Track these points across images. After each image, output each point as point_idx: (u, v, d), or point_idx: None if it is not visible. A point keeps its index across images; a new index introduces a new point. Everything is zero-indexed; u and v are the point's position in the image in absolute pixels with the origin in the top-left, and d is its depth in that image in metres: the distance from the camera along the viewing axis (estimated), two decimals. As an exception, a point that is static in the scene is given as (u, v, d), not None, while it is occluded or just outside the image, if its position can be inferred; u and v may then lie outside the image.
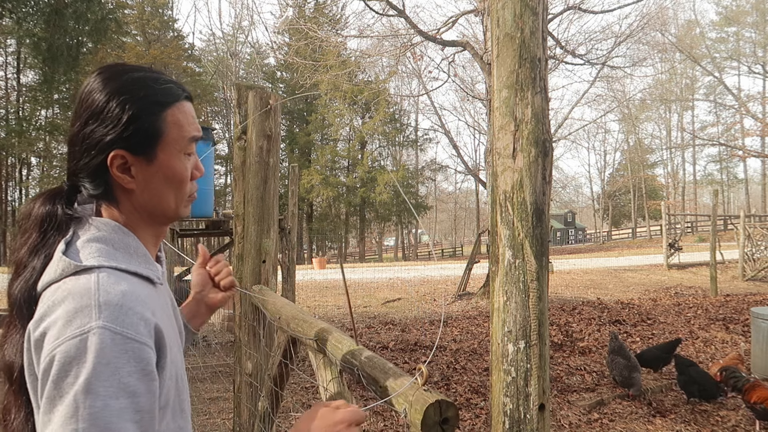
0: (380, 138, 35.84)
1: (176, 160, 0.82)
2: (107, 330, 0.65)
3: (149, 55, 31.44)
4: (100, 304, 0.67)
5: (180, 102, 0.83)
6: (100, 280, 0.70)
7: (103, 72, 0.80)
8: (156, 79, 0.81)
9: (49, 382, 0.63)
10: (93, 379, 0.63)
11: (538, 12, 1.11)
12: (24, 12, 17.25)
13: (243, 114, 2.43)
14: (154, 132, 0.79)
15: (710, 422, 3.96)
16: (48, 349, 0.65)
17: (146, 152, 0.79)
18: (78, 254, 0.73)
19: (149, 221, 0.83)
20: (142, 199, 0.80)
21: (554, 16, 11.84)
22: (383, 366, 1.14)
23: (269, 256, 2.35)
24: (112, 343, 0.64)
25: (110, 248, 0.76)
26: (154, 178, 0.80)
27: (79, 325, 0.65)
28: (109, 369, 0.64)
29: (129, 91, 0.78)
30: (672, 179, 45.25)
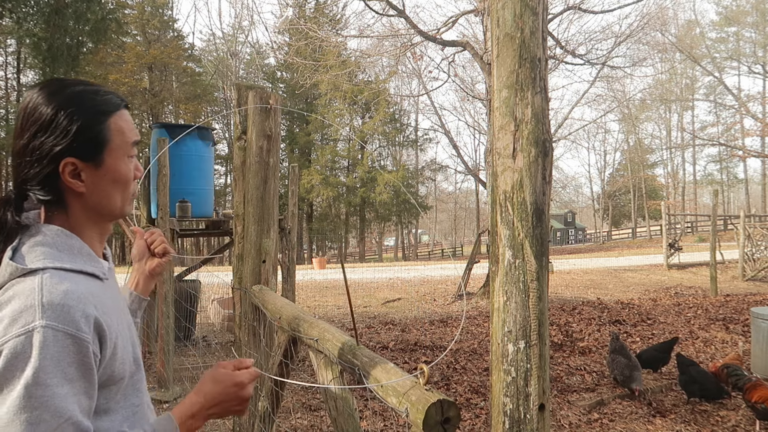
0: (380, 138, 35.84)
1: (122, 164, 0.91)
2: (49, 328, 0.73)
3: (149, 55, 31.44)
4: (43, 304, 0.74)
5: (120, 110, 0.91)
6: (44, 281, 0.77)
7: (46, 87, 0.87)
8: (96, 91, 0.89)
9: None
10: (40, 372, 0.71)
11: (538, 12, 1.11)
12: (24, 12, 17.25)
13: (243, 114, 2.43)
14: (101, 139, 0.87)
15: (710, 422, 3.96)
16: None
17: (94, 158, 0.87)
18: (24, 258, 0.80)
19: (97, 220, 0.91)
20: (92, 201, 0.88)
21: (554, 16, 11.83)
22: (384, 366, 1.14)
23: (269, 256, 2.35)
24: (54, 339, 0.73)
25: (54, 250, 0.82)
26: (103, 181, 0.88)
27: (23, 324, 0.72)
28: (53, 362, 0.72)
29: (74, 103, 0.85)
30: (672, 179, 45.24)
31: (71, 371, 0.74)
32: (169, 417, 0.91)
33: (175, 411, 0.93)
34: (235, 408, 0.96)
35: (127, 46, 31.07)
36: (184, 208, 5.84)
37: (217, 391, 0.94)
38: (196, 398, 0.94)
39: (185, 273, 7.35)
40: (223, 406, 0.94)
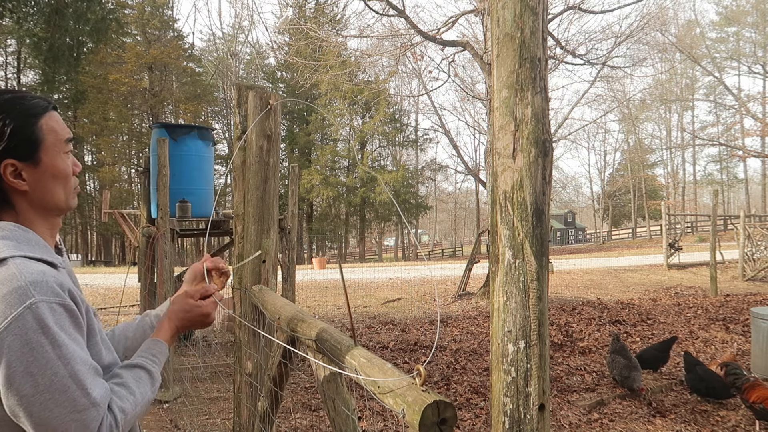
0: (380, 138, 35.83)
1: (58, 160, 0.97)
2: (43, 302, 0.82)
3: (149, 55, 31.45)
4: (30, 283, 0.82)
5: (49, 112, 0.97)
6: (19, 266, 0.84)
7: None
8: (23, 96, 0.96)
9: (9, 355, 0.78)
10: (56, 336, 0.81)
11: (538, 12, 1.11)
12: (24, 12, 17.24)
13: (243, 114, 2.43)
14: (35, 140, 0.94)
15: (710, 422, 3.96)
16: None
17: (32, 157, 0.94)
18: None
19: (44, 215, 0.98)
20: (36, 197, 0.95)
21: (554, 16, 11.83)
22: (382, 366, 1.14)
23: (269, 256, 2.35)
24: (50, 310, 0.82)
25: (15, 242, 0.89)
26: (43, 178, 0.95)
27: (20, 303, 0.80)
28: (59, 327, 0.82)
29: (5, 109, 0.91)
30: (672, 179, 45.23)
31: (72, 332, 0.85)
32: (158, 341, 1.09)
33: (159, 335, 1.11)
34: (200, 327, 1.19)
35: (127, 46, 31.07)
36: (184, 208, 5.84)
37: (187, 319, 1.16)
38: (169, 324, 1.14)
39: (185, 273, 7.34)
40: (192, 327, 1.18)
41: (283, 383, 1.97)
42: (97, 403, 0.84)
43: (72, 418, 0.81)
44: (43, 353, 0.80)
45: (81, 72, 24.90)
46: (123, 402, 0.91)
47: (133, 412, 0.93)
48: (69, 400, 0.81)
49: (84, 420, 0.82)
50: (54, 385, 0.80)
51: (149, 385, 1.00)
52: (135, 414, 0.94)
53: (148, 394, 0.99)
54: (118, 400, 0.90)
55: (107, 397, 0.87)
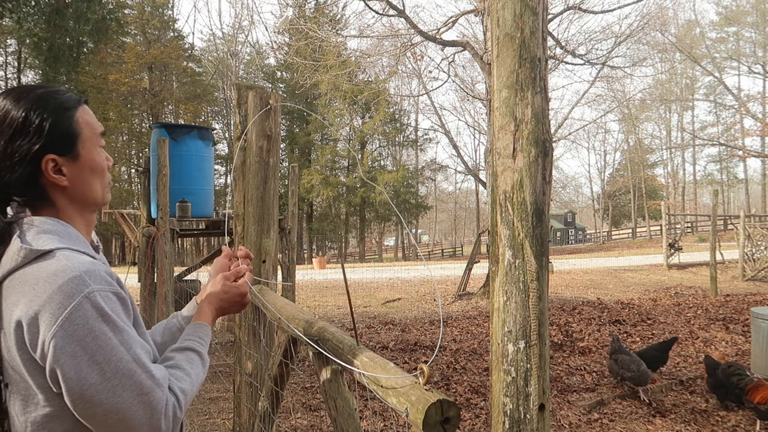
0: (380, 138, 35.82)
1: (95, 153, 0.97)
2: (100, 291, 0.82)
3: (149, 55, 31.44)
4: (83, 273, 0.82)
5: (82, 105, 0.97)
6: (69, 257, 0.84)
7: (9, 95, 0.91)
8: (57, 90, 0.95)
9: (73, 345, 0.78)
10: (115, 322, 0.82)
11: (538, 12, 1.11)
12: (25, 12, 17.24)
13: (243, 114, 2.43)
14: (73, 133, 0.93)
15: (710, 422, 3.96)
16: (55, 322, 0.78)
17: (71, 151, 0.93)
18: (32, 243, 0.85)
19: (81, 211, 0.97)
20: (75, 192, 0.94)
21: (554, 16, 11.83)
22: (384, 365, 1.14)
23: (269, 256, 2.35)
24: (106, 298, 0.83)
25: (58, 236, 0.88)
26: (82, 173, 0.95)
27: (78, 293, 0.80)
28: (116, 315, 0.83)
29: (42, 104, 0.91)
30: (672, 179, 45.23)
31: (125, 320, 0.86)
32: (202, 324, 1.09)
33: (201, 319, 1.11)
34: (238, 309, 1.20)
35: (127, 46, 31.05)
36: (184, 208, 5.84)
37: (227, 300, 1.17)
38: (209, 308, 1.14)
39: (185, 273, 7.35)
40: (231, 309, 1.19)
41: (284, 383, 1.97)
42: (161, 383, 0.85)
43: (140, 400, 0.82)
44: (106, 340, 0.80)
45: (81, 72, 24.90)
46: (181, 383, 0.92)
47: (191, 392, 0.94)
48: (136, 384, 0.82)
49: (151, 402, 0.83)
50: (120, 370, 0.81)
51: (201, 366, 1.01)
52: (192, 395, 0.95)
53: (201, 375, 1.00)
54: (177, 381, 0.91)
55: (167, 378, 0.89)
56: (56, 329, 0.78)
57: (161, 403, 0.84)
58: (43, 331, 0.78)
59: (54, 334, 0.78)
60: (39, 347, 0.79)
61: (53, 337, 0.78)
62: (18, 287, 0.82)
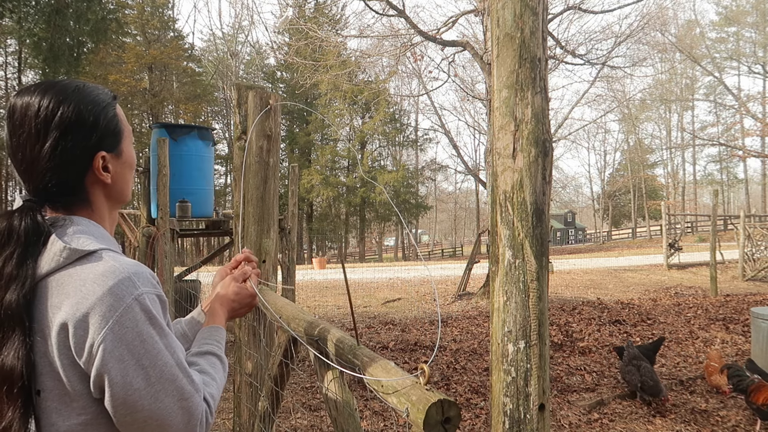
0: (380, 138, 35.82)
1: (131, 149, 0.97)
2: (146, 294, 0.80)
3: (149, 55, 31.43)
4: (131, 275, 0.80)
5: (116, 100, 0.96)
6: (115, 258, 0.82)
7: (49, 90, 0.86)
8: (96, 86, 0.93)
9: (122, 348, 0.76)
10: (162, 326, 0.82)
11: (538, 12, 1.11)
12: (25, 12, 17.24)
13: (243, 114, 2.43)
14: (119, 129, 0.93)
15: (710, 422, 3.96)
16: (107, 324, 0.76)
17: (116, 148, 0.92)
18: (73, 243, 0.82)
19: (112, 209, 0.95)
20: (115, 189, 0.93)
21: (554, 16, 11.83)
22: (385, 366, 1.14)
23: (269, 256, 2.35)
24: (153, 301, 0.82)
25: (95, 237, 0.86)
26: (123, 169, 0.94)
27: (129, 295, 0.78)
28: (161, 317, 0.83)
29: (88, 100, 0.88)
30: (672, 179, 45.23)
31: (168, 323, 0.86)
32: (218, 328, 1.09)
33: (216, 322, 1.11)
34: (248, 310, 1.22)
35: (127, 47, 31.04)
36: (184, 208, 5.84)
37: (238, 301, 1.18)
38: (222, 310, 1.15)
39: (185, 273, 7.35)
40: (242, 311, 1.20)
41: (284, 383, 1.97)
42: (199, 389, 0.85)
43: (180, 405, 0.81)
44: (153, 344, 0.79)
45: (81, 72, 24.86)
46: (210, 388, 0.91)
47: (218, 397, 0.93)
48: (178, 389, 0.81)
49: (190, 408, 0.82)
50: (164, 375, 0.80)
51: (222, 370, 1.00)
52: (218, 399, 0.94)
53: (223, 379, 0.99)
54: (206, 387, 0.90)
55: (202, 383, 0.88)
56: (107, 332, 0.75)
57: (199, 408, 0.84)
58: (92, 334, 0.75)
59: (104, 337, 0.75)
60: (86, 350, 0.75)
61: (103, 340, 0.75)
62: (61, 288, 0.78)
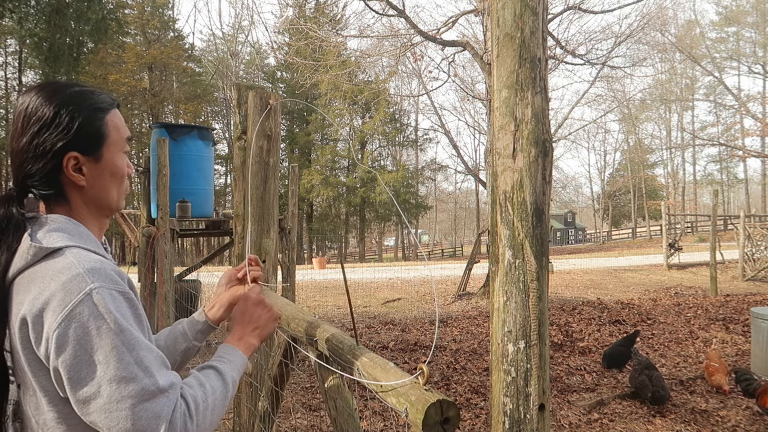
0: (380, 138, 35.82)
1: (118, 158, 0.96)
2: (103, 288, 0.80)
3: (149, 55, 31.44)
4: (87, 271, 0.80)
5: (114, 109, 0.97)
6: (76, 254, 0.83)
7: (44, 89, 0.92)
8: (92, 91, 0.95)
9: (72, 343, 0.76)
10: (117, 321, 0.79)
11: (538, 12, 1.11)
12: (25, 12, 17.23)
13: (243, 114, 2.43)
14: (101, 134, 0.93)
15: (710, 422, 3.96)
16: (56, 319, 0.77)
17: (95, 152, 0.92)
18: (44, 241, 0.84)
19: (96, 214, 0.96)
20: (92, 194, 0.93)
21: (554, 16, 11.83)
22: (384, 366, 1.14)
23: (269, 256, 2.35)
24: (111, 296, 0.80)
25: (68, 235, 0.87)
26: (102, 175, 0.94)
27: (79, 291, 0.78)
28: (119, 313, 0.80)
29: (74, 102, 0.91)
30: (672, 179, 45.23)
31: (132, 322, 0.82)
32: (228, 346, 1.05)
33: (228, 340, 1.08)
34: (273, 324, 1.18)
35: (128, 46, 31.04)
36: (184, 208, 5.84)
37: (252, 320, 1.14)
38: (239, 330, 1.11)
39: (185, 273, 7.35)
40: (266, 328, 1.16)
41: (284, 383, 1.97)
42: (165, 389, 0.81)
43: (142, 407, 0.78)
44: (106, 340, 0.77)
45: (81, 72, 24.88)
46: (193, 390, 0.88)
47: (204, 403, 0.88)
48: (137, 389, 0.78)
49: (155, 408, 0.79)
50: (119, 372, 0.77)
51: (219, 380, 0.95)
52: (208, 407, 0.88)
53: (219, 389, 0.93)
54: (189, 389, 0.87)
55: (178, 384, 0.85)
56: (57, 327, 0.76)
57: (166, 409, 0.80)
58: (46, 328, 0.77)
59: (56, 333, 0.76)
60: (43, 345, 0.77)
61: (56, 335, 0.76)
62: (25, 285, 0.81)
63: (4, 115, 28.67)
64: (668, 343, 6.31)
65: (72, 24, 18.93)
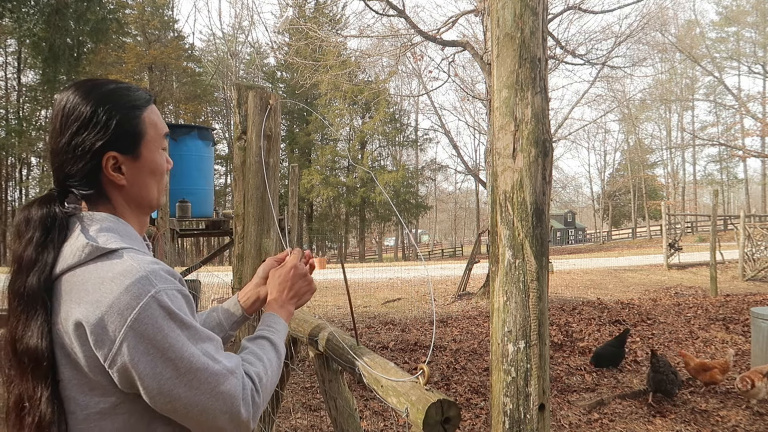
0: (380, 138, 35.82)
1: (156, 155, 0.96)
2: (166, 290, 0.82)
3: (149, 56, 31.43)
4: (148, 273, 0.81)
5: (150, 105, 0.97)
6: (134, 257, 0.84)
7: (80, 87, 0.92)
8: (128, 87, 0.95)
9: (145, 344, 0.79)
10: (183, 320, 0.82)
11: (538, 12, 1.11)
12: (25, 12, 17.22)
13: (243, 114, 2.43)
14: (138, 133, 0.93)
15: (710, 422, 3.96)
16: (125, 323, 0.78)
17: (133, 151, 0.92)
18: (97, 240, 0.85)
19: (136, 212, 0.97)
20: (132, 192, 0.94)
21: (554, 16, 11.83)
22: (385, 365, 1.14)
23: (269, 256, 2.35)
24: (173, 297, 0.83)
25: (119, 235, 0.88)
26: (141, 173, 0.94)
27: (145, 293, 0.80)
28: (182, 311, 0.83)
29: (111, 100, 0.90)
30: (672, 179, 45.23)
31: (191, 316, 0.86)
32: (272, 314, 1.10)
33: (270, 308, 1.13)
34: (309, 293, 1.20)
35: (128, 47, 31.04)
36: (184, 208, 5.85)
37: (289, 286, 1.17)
38: (280, 296, 1.15)
39: (185, 273, 7.34)
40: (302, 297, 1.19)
41: (284, 383, 1.97)
42: (233, 371, 0.86)
43: (218, 390, 0.83)
44: (176, 337, 0.81)
45: (81, 72, 24.88)
46: (255, 367, 0.94)
47: (266, 376, 0.94)
48: (211, 375, 0.83)
49: (228, 390, 0.84)
50: (193, 365, 0.81)
51: (273, 351, 1.01)
52: (269, 379, 0.95)
53: (274, 360, 1.00)
54: (250, 366, 0.93)
55: (240, 365, 0.89)
56: (126, 329, 0.78)
57: (237, 389, 0.85)
58: (112, 332, 0.78)
59: (125, 335, 0.78)
60: (107, 347, 0.79)
61: (125, 337, 0.78)
62: (81, 285, 0.81)
63: (4, 115, 28.68)
64: (668, 343, 6.31)
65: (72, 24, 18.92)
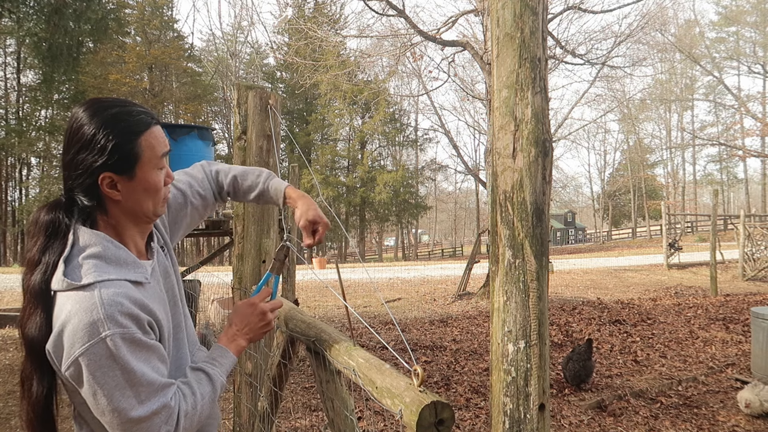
0: (380, 138, 35.81)
1: (151, 175, 1.05)
2: (117, 335, 0.91)
3: (149, 55, 31.41)
4: (107, 316, 0.91)
5: (150, 128, 1.04)
6: (102, 295, 0.92)
7: (89, 108, 1.00)
8: (130, 112, 1.02)
9: (86, 381, 0.91)
10: (124, 364, 0.91)
11: (538, 12, 1.11)
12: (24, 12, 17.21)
13: (243, 114, 2.43)
14: (133, 156, 1.01)
15: (710, 422, 3.96)
16: (74, 353, 0.90)
17: (128, 172, 1.01)
18: (78, 270, 0.95)
19: (134, 222, 1.07)
20: (127, 206, 1.04)
21: (554, 16, 11.83)
22: (380, 366, 1.14)
23: (269, 256, 2.34)
24: (122, 340, 0.92)
25: (103, 263, 0.97)
26: (136, 191, 1.03)
27: (95, 334, 0.90)
28: (129, 354, 0.92)
29: (110, 125, 0.99)
30: (672, 179, 45.21)
31: (142, 354, 0.95)
32: (217, 345, 1.20)
33: (220, 341, 1.21)
34: (262, 330, 1.26)
35: (128, 47, 31.03)
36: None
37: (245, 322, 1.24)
38: (231, 330, 1.23)
39: (185, 273, 7.33)
40: (255, 333, 1.25)
41: (283, 383, 1.97)
42: (158, 412, 0.96)
43: (139, 428, 0.94)
44: (113, 378, 0.91)
45: (81, 72, 24.89)
46: (185, 402, 1.03)
47: (194, 411, 1.04)
48: (128, 421, 0.93)
49: (149, 428, 0.95)
50: (121, 405, 0.92)
51: (209, 386, 1.10)
52: (196, 414, 1.04)
53: (207, 394, 1.09)
54: (182, 399, 1.03)
55: (170, 403, 0.98)
56: (74, 358, 0.90)
57: (157, 428, 0.96)
58: (66, 352, 0.91)
59: (73, 361, 0.90)
60: (63, 367, 0.91)
61: (72, 363, 0.90)
62: (59, 308, 0.93)
63: (4, 115, 28.67)
64: (668, 343, 6.31)
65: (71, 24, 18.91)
